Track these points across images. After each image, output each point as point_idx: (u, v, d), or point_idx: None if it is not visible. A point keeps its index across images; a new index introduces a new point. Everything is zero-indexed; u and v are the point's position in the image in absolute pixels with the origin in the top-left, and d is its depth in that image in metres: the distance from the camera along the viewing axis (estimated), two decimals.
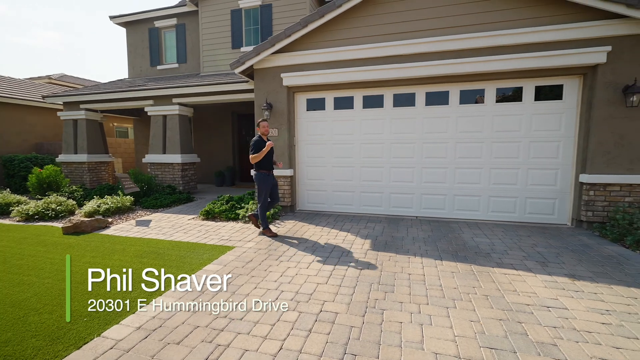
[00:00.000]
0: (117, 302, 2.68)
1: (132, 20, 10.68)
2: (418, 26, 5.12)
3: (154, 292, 2.94)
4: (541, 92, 5.01)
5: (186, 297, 2.87)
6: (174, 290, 3.01)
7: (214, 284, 3.05)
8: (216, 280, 3.08)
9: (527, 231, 4.75)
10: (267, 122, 4.72)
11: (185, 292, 2.97)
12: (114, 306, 2.66)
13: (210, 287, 3.00)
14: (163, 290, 2.97)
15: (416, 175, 5.66)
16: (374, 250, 4.01)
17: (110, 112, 10.56)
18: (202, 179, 10.81)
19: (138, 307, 2.69)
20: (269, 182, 4.65)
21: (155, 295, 2.90)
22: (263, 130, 4.64)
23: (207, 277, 3.09)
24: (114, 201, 6.26)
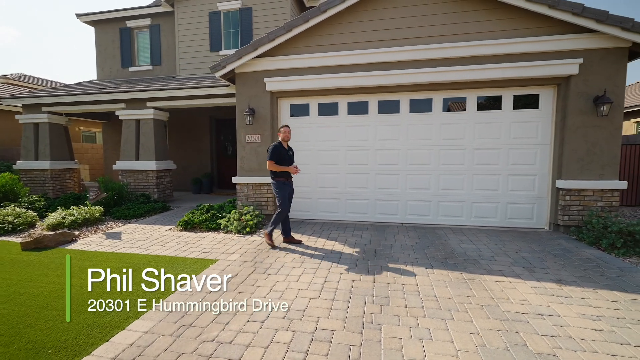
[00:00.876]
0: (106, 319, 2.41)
1: (102, 19, 10.11)
2: (402, 34, 5.17)
3: (131, 314, 2.67)
4: (519, 101, 5.19)
5: (168, 318, 2.63)
6: (154, 310, 2.76)
7: (197, 303, 2.82)
8: None
9: (510, 236, 4.86)
10: (288, 128, 4.43)
11: (169, 312, 2.72)
12: (102, 327, 2.38)
13: (193, 307, 2.77)
14: (143, 312, 2.71)
15: (401, 181, 5.67)
16: (364, 260, 3.92)
17: (77, 116, 9.88)
18: (178, 186, 10.32)
19: (125, 326, 2.42)
20: (285, 190, 4.38)
21: (131, 320, 2.63)
22: (283, 136, 4.37)
23: (189, 295, 2.86)
24: (81, 212, 5.78)
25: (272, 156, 4.27)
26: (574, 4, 4.37)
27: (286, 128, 4.42)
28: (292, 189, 4.55)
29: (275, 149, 4.28)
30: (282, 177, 4.37)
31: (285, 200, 4.37)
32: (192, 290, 3.13)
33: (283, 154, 4.33)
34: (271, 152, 4.27)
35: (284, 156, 4.33)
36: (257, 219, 5.41)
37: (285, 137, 4.37)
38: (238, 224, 5.22)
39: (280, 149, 4.32)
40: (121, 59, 10.22)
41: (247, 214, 5.42)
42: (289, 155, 4.42)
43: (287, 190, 4.40)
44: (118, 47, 10.21)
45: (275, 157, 4.27)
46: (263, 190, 5.88)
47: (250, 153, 5.89)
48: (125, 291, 3.01)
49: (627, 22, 4.26)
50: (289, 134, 4.42)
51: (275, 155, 4.27)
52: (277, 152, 4.28)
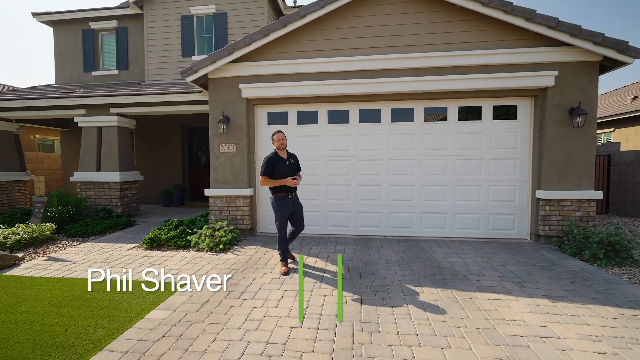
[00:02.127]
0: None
1: (62, 19, 9.39)
2: (384, 42, 5.06)
3: None
4: (499, 111, 5.21)
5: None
6: (102, 351, 2.31)
7: (160, 339, 2.41)
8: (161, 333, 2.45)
9: (494, 248, 4.77)
10: (282, 134, 3.81)
11: (121, 356, 2.28)
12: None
13: (152, 347, 2.35)
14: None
15: (383, 193, 5.50)
16: (348, 279, 3.64)
17: (31, 123, 9.00)
18: (146, 199, 9.61)
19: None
20: (284, 207, 3.79)
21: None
22: (278, 144, 3.78)
23: (150, 330, 2.44)
24: (28, 230, 5.09)
25: (264, 170, 3.71)
26: (549, 18, 4.45)
27: (279, 134, 3.80)
28: (297, 205, 3.93)
29: (268, 161, 3.73)
30: (282, 192, 3.79)
31: (283, 220, 3.82)
32: (154, 325, 2.70)
33: (279, 165, 3.76)
34: (263, 166, 3.72)
35: (281, 167, 3.76)
36: (232, 235, 4.99)
37: (280, 144, 3.78)
38: (210, 240, 4.78)
39: (275, 159, 3.76)
40: (84, 62, 9.50)
41: (221, 229, 5.00)
42: (288, 165, 3.81)
43: (286, 208, 3.80)
44: (80, 50, 9.50)
45: (269, 170, 3.72)
46: (238, 203, 5.49)
47: (225, 163, 5.50)
48: (69, 332, 2.53)
49: (598, 36, 4.39)
50: (284, 141, 3.79)
51: (269, 168, 3.71)
52: (270, 164, 3.72)
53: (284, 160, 3.82)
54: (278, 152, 3.84)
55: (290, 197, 3.84)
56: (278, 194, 3.82)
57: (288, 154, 3.91)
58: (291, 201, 3.85)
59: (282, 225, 3.87)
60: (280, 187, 3.79)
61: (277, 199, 3.82)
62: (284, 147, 3.83)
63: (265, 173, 3.74)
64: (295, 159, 3.98)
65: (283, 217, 3.84)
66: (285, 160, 3.83)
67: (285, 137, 3.84)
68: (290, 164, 3.85)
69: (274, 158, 3.79)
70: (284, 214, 3.83)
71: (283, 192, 3.82)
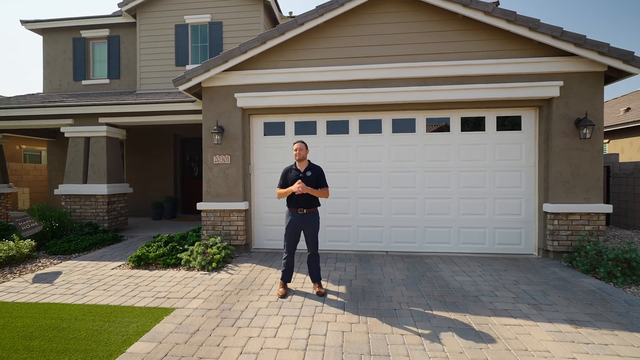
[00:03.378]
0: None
1: (52, 27, 9.16)
2: (384, 51, 4.93)
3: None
4: (503, 122, 5.07)
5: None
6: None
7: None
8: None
9: (502, 264, 4.55)
10: (301, 144, 3.54)
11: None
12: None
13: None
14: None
15: (385, 206, 5.27)
16: (352, 302, 3.36)
17: (16, 132, 8.64)
18: (136, 212, 9.24)
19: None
20: (290, 223, 3.54)
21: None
22: (294, 155, 3.57)
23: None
24: (4, 248, 4.72)
25: (279, 183, 3.64)
26: (553, 27, 4.36)
27: (297, 144, 3.54)
28: (307, 223, 3.55)
29: (284, 173, 3.64)
30: (292, 206, 3.55)
31: (287, 236, 3.57)
32: (142, 354, 2.38)
33: (291, 177, 3.54)
34: (280, 178, 3.66)
35: (292, 179, 3.52)
36: (226, 252, 4.69)
37: (295, 155, 3.54)
38: (202, 258, 4.47)
39: (288, 171, 3.61)
40: (73, 71, 9.24)
41: (214, 246, 4.70)
42: (301, 177, 3.49)
43: (292, 223, 3.52)
44: (70, 58, 9.25)
45: (280, 182, 3.63)
46: (232, 218, 5.20)
47: (218, 176, 5.23)
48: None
49: (604, 46, 4.30)
50: (300, 152, 3.51)
51: (280, 180, 3.64)
52: (282, 176, 3.63)
53: (296, 172, 3.56)
54: (297, 164, 3.61)
55: (299, 213, 3.52)
56: (289, 208, 3.61)
57: (308, 166, 3.60)
58: (300, 218, 3.52)
59: (286, 241, 3.61)
60: (290, 201, 3.57)
61: (287, 212, 3.63)
62: (301, 158, 3.54)
63: (278, 185, 3.64)
64: (316, 172, 3.59)
65: (287, 232, 3.58)
66: (300, 172, 3.54)
67: (303, 148, 3.56)
68: (304, 176, 3.51)
69: (288, 170, 3.64)
70: (288, 229, 3.57)
71: (293, 206, 3.56)
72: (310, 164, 3.64)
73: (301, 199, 3.49)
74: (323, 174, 3.66)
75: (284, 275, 3.68)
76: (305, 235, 3.63)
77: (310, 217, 3.58)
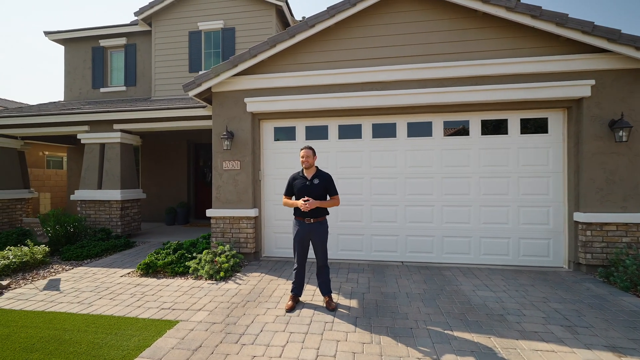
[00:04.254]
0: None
1: (73, 37, 9.44)
2: (399, 52, 4.72)
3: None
4: (527, 125, 4.74)
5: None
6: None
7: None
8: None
9: (528, 278, 4.20)
10: (308, 151, 3.35)
11: None
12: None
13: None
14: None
15: (400, 214, 5.01)
16: (364, 318, 3.13)
17: (37, 139, 8.91)
18: (150, 217, 9.32)
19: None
20: (297, 233, 3.37)
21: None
22: (301, 162, 3.38)
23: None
24: (18, 254, 4.76)
25: (285, 190, 3.50)
26: (583, 22, 4.03)
27: (304, 151, 3.35)
28: (316, 233, 3.34)
29: (290, 180, 3.47)
30: (298, 216, 3.39)
31: (295, 247, 3.41)
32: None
33: (297, 185, 3.36)
34: (286, 185, 3.50)
35: (299, 187, 3.34)
36: (234, 260, 4.56)
37: (302, 162, 3.36)
38: (210, 267, 4.35)
39: (294, 178, 3.44)
40: (92, 79, 9.48)
41: (222, 254, 4.58)
42: (307, 186, 3.31)
43: (299, 233, 3.36)
44: (89, 67, 9.50)
45: (286, 189, 3.49)
46: (242, 225, 5.08)
47: (228, 182, 5.13)
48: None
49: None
50: (307, 159, 3.32)
51: (286, 187, 3.48)
52: (288, 183, 3.46)
53: (302, 180, 3.37)
54: (304, 171, 3.42)
55: (306, 223, 3.33)
56: (295, 217, 3.44)
57: (316, 173, 3.40)
58: (307, 227, 3.34)
59: (295, 252, 3.44)
60: (296, 210, 3.39)
61: (294, 222, 3.45)
62: (308, 165, 3.35)
63: (284, 192, 3.50)
64: (325, 179, 3.39)
65: (295, 243, 3.41)
66: (307, 180, 3.35)
67: (310, 155, 3.35)
68: (311, 184, 3.32)
69: (295, 177, 3.46)
70: (296, 239, 3.40)
71: (299, 215, 3.38)
72: (318, 171, 3.45)
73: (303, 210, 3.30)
74: (332, 182, 3.46)
75: (294, 288, 3.50)
76: (314, 246, 3.43)
77: (318, 227, 3.38)
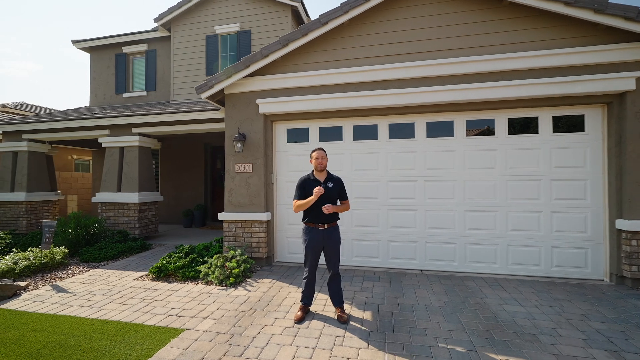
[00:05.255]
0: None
1: (98, 45, 9.81)
2: (417, 47, 4.46)
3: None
4: (560, 123, 4.33)
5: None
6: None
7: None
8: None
9: (563, 292, 3.79)
10: (320, 152, 3.17)
11: None
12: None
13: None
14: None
15: (419, 219, 4.72)
16: (379, 332, 2.89)
17: (62, 143, 9.26)
18: (169, 219, 9.47)
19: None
20: (309, 240, 3.14)
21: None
22: (315, 164, 3.17)
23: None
24: (38, 256, 4.87)
25: (295, 195, 3.21)
26: (627, 8, 3.62)
27: (318, 152, 3.16)
28: (330, 240, 3.15)
29: (300, 184, 3.19)
30: (310, 222, 3.15)
31: (307, 255, 3.18)
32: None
33: (310, 188, 3.11)
34: (295, 190, 3.23)
35: (312, 191, 3.08)
36: (245, 266, 4.44)
37: (317, 164, 3.14)
38: (221, 272, 4.25)
39: (306, 181, 3.17)
40: (115, 84, 9.79)
41: (233, 259, 4.47)
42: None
43: (312, 240, 3.13)
44: (113, 73, 9.82)
45: (298, 194, 3.19)
46: (254, 229, 4.96)
47: (240, 185, 5.04)
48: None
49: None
50: (322, 160, 3.14)
51: (297, 191, 3.19)
52: (300, 187, 3.18)
53: (314, 183, 3.15)
54: (315, 173, 3.22)
55: (320, 229, 3.13)
56: (306, 223, 3.20)
57: (328, 176, 3.21)
58: (320, 234, 3.13)
59: (307, 260, 3.23)
60: (308, 216, 3.17)
61: (304, 229, 3.22)
62: (322, 168, 3.15)
63: (295, 197, 3.22)
64: (338, 183, 3.22)
65: (307, 251, 3.19)
66: (319, 183, 3.15)
67: (324, 157, 3.18)
68: (326, 187, 3.12)
69: (306, 180, 3.20)
70: (309, 247, 3.16)
71: (312, 221, 3.15)
72: (329, 174, 3.25)
73: (322, 213, 3.10)
74: (344, 185, 3.29)
75: (303, 297, 3.31)
76: (326, 254, 3.22)
77: (332, 232, 3.19)
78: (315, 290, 3.69)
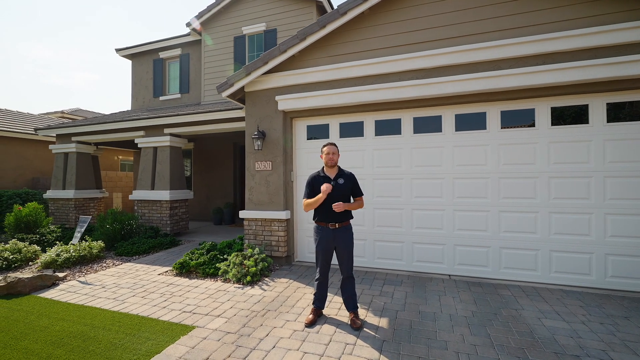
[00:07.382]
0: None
1: (138, 52, 10.43)
2: (443, 33, 4.10)
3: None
4: (616, 111, 3.74)
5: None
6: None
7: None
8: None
9: (619, 307, 3.26)
10: (332, 147, 3.04)
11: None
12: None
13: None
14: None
15: (447, 220, 4.35)
16: (393, 342, 2.66)
17: (105, 145, 9.99)
18: (201, 216, 9.83)
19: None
20: (320, 240, 3.01)
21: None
22: (326, 160, 3.05)
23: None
24: (78, 249, 5.24)
25: (305, 193, 3.10)
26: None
27: (328, 147, 3.04)
28: (342, 241, 2.98)
29: (309, 181, 3.07)
30: (321, 221, 3.01)
31: (318, 256, 3.04)
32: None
33: (318, 186, 2.98)
34: (305, 188, 3.11)
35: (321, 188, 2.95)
36: (263, 264, 4.40)
37: (328, 160, 3.01)
38: (238, 270, 4.24)
39: (316, 179, 3.05)
40: (153, 88, 10.35)
41: (251, 257, 4.44)
42: (333, 186, 2.96)
43: (322, 241, 2.99)
44: (151, 78, 10.39)
45: (307, 192, 3.07)
46: (273, 228, 4.91)
47: (260, 183, 5.01)
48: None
49: None
50: (333, 156, 3.01)
51: (307, 189, 3.07)
52: (309, 184, 3.06)
53: (326, 180, 3.00)
54: (325, 170, 3.08)
55: (330, 229, 2.98)
56: (317, 222, 3.06)
57: (339, 173, 3.06)
58: (331, 233, 2.97)
59: (318, 261, 3.08)
60: (319, 214, 3.02)
61: (315, 228, 3.08)
62: (333, 164, 3.02)
63: (304, 195, 3.09)
64: (350, 179, 3.06)
65: (318, 251, 3.04)
66: (328, 180, 3.01)
67: (335, 152, 3.04)
68: (336, 184, 2.97)
69: (315, 177, 3.07)
70: (319, 247, 3.02)
71: (322, 220, 3.01)
72: (340, 170, 3.08)
73: (332, 211, 2.94)
74: (357, 181, 3.10)
75: (315, 300, 3.16)
76: (338, 255, 3.05)
77: (343, 232, 3.01)
78: (329, 293, 3.53)
